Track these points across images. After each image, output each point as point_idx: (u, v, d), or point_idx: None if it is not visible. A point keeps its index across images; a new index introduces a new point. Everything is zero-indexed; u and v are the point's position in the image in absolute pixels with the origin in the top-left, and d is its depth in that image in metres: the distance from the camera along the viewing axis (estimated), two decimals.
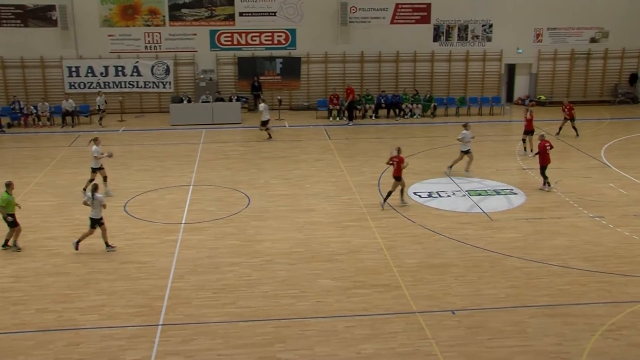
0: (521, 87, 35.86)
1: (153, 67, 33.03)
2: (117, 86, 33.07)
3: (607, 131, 29.45)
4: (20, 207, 17.56)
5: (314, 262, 16.39)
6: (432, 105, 32.79)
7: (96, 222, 17.00)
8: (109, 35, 32.81)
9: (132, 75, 33.06)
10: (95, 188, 16.91)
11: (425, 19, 33.98)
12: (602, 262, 16.37)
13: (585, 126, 29.30)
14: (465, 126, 23.09)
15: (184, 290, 14.91)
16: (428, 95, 33.08)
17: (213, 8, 32.91)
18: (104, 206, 16.91)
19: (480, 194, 21.24)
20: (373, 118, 32.33)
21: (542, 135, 22.23)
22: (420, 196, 21.11)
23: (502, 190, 21.63)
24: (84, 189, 20.57)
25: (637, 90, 35.68)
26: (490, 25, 34.34)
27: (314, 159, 25.38)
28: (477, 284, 15.24)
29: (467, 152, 22.81)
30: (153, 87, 33.25)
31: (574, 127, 28.11)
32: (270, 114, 28.62)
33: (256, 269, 16.05)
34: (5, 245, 17.25)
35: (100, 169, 21.16)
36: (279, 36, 33.52)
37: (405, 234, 18.07)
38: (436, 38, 34.24)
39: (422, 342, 12.82)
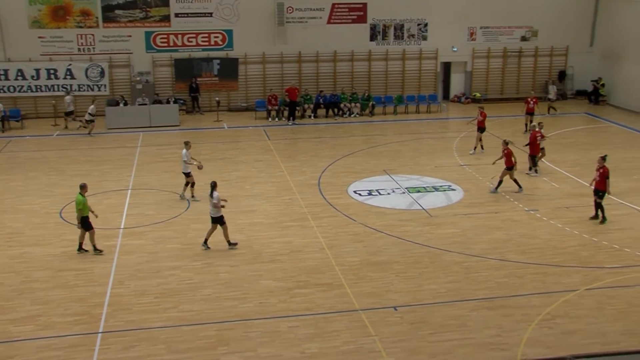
0: (457, 84, 36.52)
1: (87, 69, 32.28)
2: (49, 90, 32.16)
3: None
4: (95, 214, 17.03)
5: (255, 263, 16.34)
6: (371, 104, 33.08)
7: (217, 221, 16.96)
8: (40, 37, 31.89)
9: (65, 78, 32.21)
10: (214, 185, 16.90)
11: (362, 19, 34.24)
12: (537, 254, 16.84)
13: (518, 122, 30.04)
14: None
15: (124, 296, 14.66)
16: (366, 94, 33.36)
17: (148, 9, 32.39)
18: (216, 205, 16.84)
19: (419, 191, 21.55)
20: (312, 118, 32.42)
21: (534, 126, 23.10)
22: (360, 194, 21.28)
23: (441, 186, 22.00)
24: (192, 196, 20.74)
25: (566, 87, 36.78)
26: (426, 25, 34.85)
27: (254, 159, 25.29)
28: (418, 279, 15.47)
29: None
30: (88, 90, 32.48)
31: (530, 122, 28.59)
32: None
33: (197, 272, 15.90)
34: (81, 249, 16.90)
35: (189, 175, 20.70)
36: (215, 37, 33.24)
37: (346, 233, 18.19)
38: (373, 37, 34.53)
39: (365, 340, 12.94)
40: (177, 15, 32.61)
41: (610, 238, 17.74)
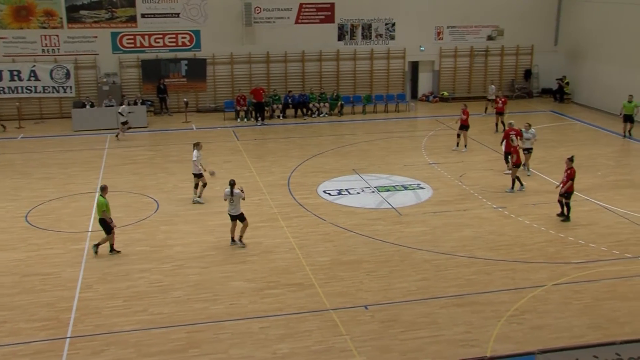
0: (425, 84, 36.76)
1: (52, 71, 31.82)
2: (13, 91, 31.62)
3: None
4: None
5: (226, 265, 16.29)
6: (339, 103, 33.14)
7: (236, 218, 17.05)
8: (1, 38, 31.32)
9: (29, 79, 31.71)
10: (233, 183, 17.01)
11: (330, 19, 34.29)
12: (505, 250, 17.04)
13: (486, 121, 30.35)
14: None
15: (93, 300, 14.49)
16: (335, 94, 33.41)
17: (114, 10, 32.03)
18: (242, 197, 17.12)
19: (388, 190, 21.65)
20: (281, 118, 32.37)
21: (510, 124, 23.25)
22: (329, 194, 21.31)
23: (410, 185, 22.13)
24: (199, 197, 20.70)
25: (532, 85, 37.27)
26: (393, 24, 35.03)
27: (223, 160, 25.16)
28: (388, 278, 15.54)
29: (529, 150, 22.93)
30: (53, 92, 32.02)
31: (501, 122, 28.85)
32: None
33: (167, 274, 15.79)
34: (112, 250, 16.89)
35: (201, 175, 20.56)
36: (183, 38, 33.01)
37: (316, 232, 18.21)
38: (341, 37, 34.61)
39: (336, 339, 12.97)
40: (143, 15, 32.32)
41: (576, 234, 18.03)
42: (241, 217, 17.24)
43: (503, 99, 29.25)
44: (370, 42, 34.95)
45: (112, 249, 16.91)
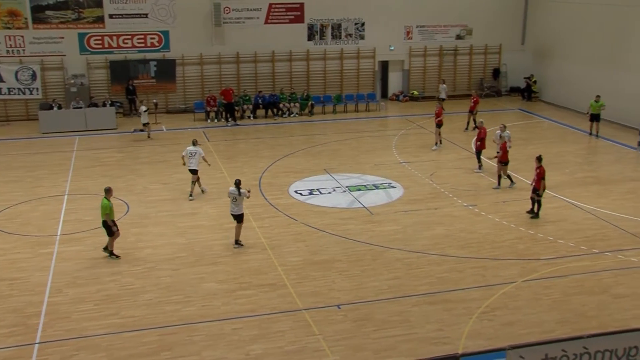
0: (395, 83, 36.93)
1: (17, 72, 31.31)
2: None
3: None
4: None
5: (198, 266, 16.20)
6: (310, 103, 33.14)
7: (238, 218, 17.10)
8: None
9: None
10: (239, 182, 17.01)
11: (299, 19, 34.27)
12: (476, 248, 17.20)
13: (455, 119, 30.56)
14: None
15: (63, 305, 14.31)
16: (305, 94, 33.41)
17: (80, 10, 31.62)
18: (243, 195, 17.09)
19: (360, 189, 21.71)
20: (251, 118, 32.27)
21: (481, 122, 23.62)
22: (301, 194, 21.31)
23: (381, 184, 22.22)
24: (203, 191, 21.41)
25: (501, 84, 37.65)
26: (363, 24, 35.13)
27: None
28: (360, 277, 15.59)
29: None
30: (19, 94, 31.53)
31: (473, 120, 29.09)
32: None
33: (138, 277, 15.66)
34: (111, 254, 16.67)
35: (196, 173, 21.05)
36: (152, 38, 32.72)
37: (288, 233, 18.19)
38: (310, 37, 34.60)
39: (309, 339, 12.98)
40: (111, 16, 31.96)
41: (545, 230, 18.26)
42: (240, 218, 17.23)
43: (475, 98, 29.52)
44: (340, 41, 35.01)
45: (111, 254, 16.70)
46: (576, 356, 9.56)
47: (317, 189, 21.78)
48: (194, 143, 21.44)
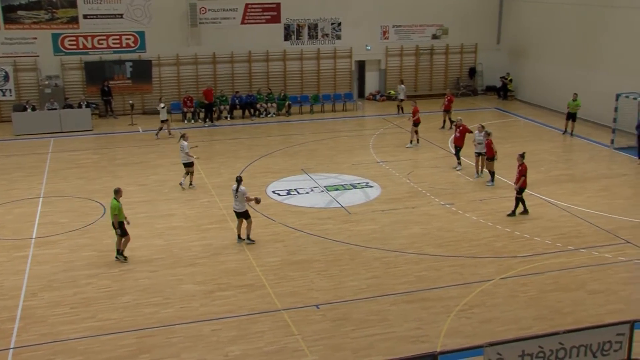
0: (371, 82, 37.04)
1: None
2: None
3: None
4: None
5: (175, 268, 16.12)
6: (287, 103, 33.13)
7: (241, 215, 16.91)
8: None
9: None
10: (240, 180, 17.14)
11: (276, 19, 34.22)
12: (454, 246, 17.31)
13: (432, 118, 30.72)
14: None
15: (38, 309, 14.15)
16: (282, 94, 33.39)
17: (54, 10, 31.28)
18: (248, 198, 17.16)
19: (337, 189, 21.74)
20: (228, 119, 32.17)
21: (460, 120, 23.90)
22: (279, 194, 21.30)
23: (359, 184, 22.27)
24: (190, 184, 21.87)
25: (477, 83, 37.93)
26: (339, 24, 35.18)
27: (171, 163, 24.86)
28: (339, 277, 15.62)
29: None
30: None
31: (449, 119, 29.41)
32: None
33: (116, 279, 15.54)
34: (120, 255, 16.62)
35: (191, 165, 21.74)
36: (127, 39, 32.48)
37: (266, 233, 18.17)
38: (287, 37, 34.58)
39: (288, 339, 12.97)
40: (85, 16, 31.67)
41: (521, 228, 18.43)
42: (245, 215, 17.29)
43: (449, 97, 29.71)
44: (316, 41, 35.03)
45: (119, 253, 16.61)
46: (552, 352, 9.68)
47: (295, 189, 21.78)
48: (183, 137, 21.92)
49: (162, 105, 28.51)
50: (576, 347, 9.74)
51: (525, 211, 19.43)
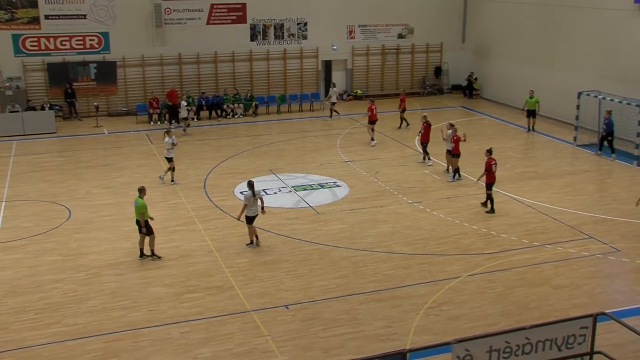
0: (338, 82, 36.99)
1: None
2: None
3: (420, 121, 31.28)
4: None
5: (143, 271, 15.97)
6: (254, 104, 33.03)
7: (254, 219, 16.82)
8: None
9: None
10: (252, 184, 16.86)
11: (242, 19, 34.09)
12: (422, 244, 17.43)
13: (396, 118, 30.86)
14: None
15: (1, 315, 13.91)
16: (249, 95, 33.28)
17: (13, 10, 30.70)
18: (260, 201, 16.91)
19: (305, 189, 21.75)
20: (195, 120, 31.94)
21: (425, 117, 24.28)
22: None
23: (326, 183, 22.30)
24: (172, 180, 22.26)
25: (442, 82, 38.25)
26: (305, 24, 35.18)
27: (137, 165, 24.65)
28: (308, 277, 15.63)
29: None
30: None
31: (402, 118, 29.65)
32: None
33: (82, 283, 15.34)
34: (143, 255, 16.57)
35: (172, 160, 22.16)
36: (91, 40, 32.06)
37: (234, 234, 18.09)
38: (253, 37, 34.46)
39: (258, 340, 12.95)
40: (47, 17, 31.16)
41: (488, 225, 18.64)
42: (252, 219, 17.02)
43: (402, 96, 29.90)
44: (282, 42, 34.98)
45: (153, 254, 16.60)
46: (519, 347, 9.79)
47: (263, 190, 21.70)
48: (167, 134, 22.37)
49: (184, 103, 29.36)
50: (542, 342, 9.87)
51: (484, 204, 19.83)
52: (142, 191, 16.55)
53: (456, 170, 22.39)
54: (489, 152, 19.78)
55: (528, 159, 25.58)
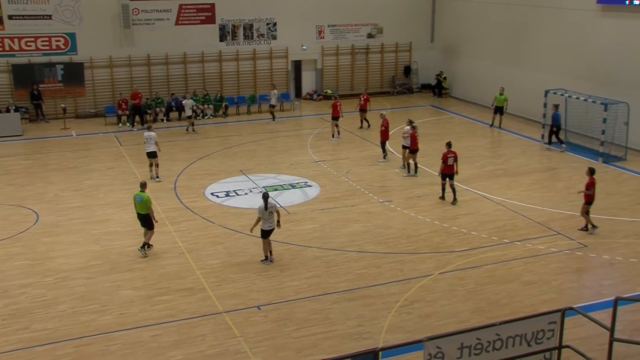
0: (308, 82, 37.13)
1: None
2: None
3: (390, 120, 31.40)
4: None
5: (113, 274, 15.81)
6: (224, 104, 32.89)
7: (270, 234, 16.03)
8: None
9: None
10: (267, 196, 15.92)
11: (211, 19, 33.93)
12: (393, 243, 17.52)
13: (369, 116, 30.97)
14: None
15: None
16: (218, 95, 33.13)
17: None
18: (277, 212, 16.11)
19: (276, 189, 21.72)
20: (165, 121, 31.71)
21: (382, 114, 24.68)
22: (217, 196, 21.14)
23: (297, 183, 22.30)
24: (157, 177, 22.48)
25: (412, 81, 38.47)
26: (275, 24, 35.13)
27: (106, 167, 24.40)
28: (280, 277, 15.61)
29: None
30: None
31: (365, 119, 29.78)
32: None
33: (51, 288, 15.14)
34: (145, 247, 16.81)
35: (154, 155, 22.44)
36: (57, 41, 31.63)
37: (205, 236, 18.01)
38: (222, 38, 34.32)
39: (230, 342, 12.90)
40: (10, 17, 30.65)
41: (458, 223, 18.79)
42: (270, 233, 16.10)
43: (365, 96, 29.98)
44: (252, 42, 34.89)
45: (149, 247, 16.88)
46: (490, 343, 9.90)
47: (234, 191, 21.65)
48: (149, 128, 22.98)
49: (186, 101, 29.51)
50: (512, 337, 9.98)
51: (442, 197, 20.42)
52: (144, 186, 16.90)
53: (409, 165, 22.92)
54: (448, 145, 20.31)
55: (497, 157, 25.85)
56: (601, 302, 14.20)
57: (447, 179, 20.28)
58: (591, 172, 17.88)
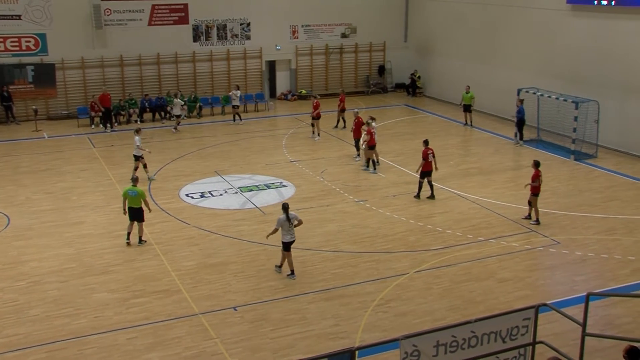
0: (282, 82, 37.08)
1: None
2: None
3: (364, 119, 31.48)
4: None
5: (87, 277, 15.65)
6: (198, 105, 32.73)
7: (288, 246, 15.51)
8: None
9: None
10: (287, 207, 15.44)
11: (184, 20, 33.72)
12: (369, 242, 17.56)
13: (345, 116, 31.01)
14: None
15: None
16: (192, 96, 32.95)
17: None
18: (300, 222, 15.60)
19: (251, 190, 21.66)
20: (138, 122, 31.43)
21: (356, 112, 25.19)
22: (192, 197, 21.02)
23: (273, 184, 22.26)
24: (152, 175, 22.84)
25: (386, 81, 38.61)
26: (248, 24, 35.03)
27: (79, 169, 24.13)
28: (256, 278, 15.57)
29: None
30: None
31: (341, 118, 29.81)
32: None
33: (23, 292, 14.94)
34: (141, 240, 17.36)
35: (141, 157, 22.41)
36: (27, 41, 31.21)
37: (180, 237, 17.90)
38: (196, 38, 34.13)
39: (207, 343, 12.84)
40: None
41: (433, 222, 18.89)
42: (289, 247, 15.55)
43: (342, 96, 30.10)
44: (226, 42, 34.75)
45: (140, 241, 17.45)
46: (465, 340, 9.94)
47: (209, 192, 21.55)
48: (137, 132, 22.76)
49: (180, 102, 29.94)
50: (487, 334, 10.05)
51: (418, 196, 20.60)
52: (136, 180, 17.57)
53: (369, 161, 23.31)
54: (426, 142, 20.65)
55: (471, 155, 26.05)
56: (574, 297, 14.37)
57: (426, 178, 20.42)
58: (536, 164, 18.68)
